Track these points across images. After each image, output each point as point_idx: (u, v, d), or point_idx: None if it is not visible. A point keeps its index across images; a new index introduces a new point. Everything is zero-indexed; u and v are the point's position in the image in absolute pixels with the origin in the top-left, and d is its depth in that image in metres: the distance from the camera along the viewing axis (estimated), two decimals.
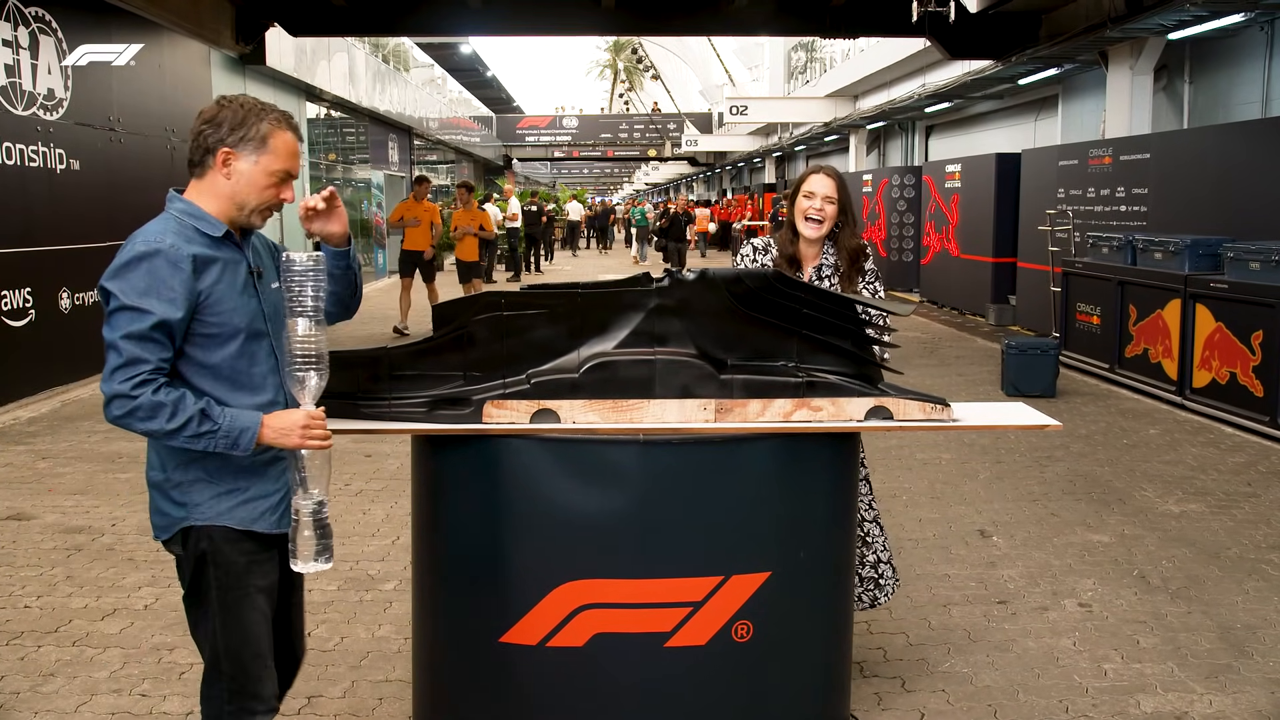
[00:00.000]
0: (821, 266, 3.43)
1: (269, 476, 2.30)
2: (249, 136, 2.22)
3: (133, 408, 2.09)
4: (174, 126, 11.37)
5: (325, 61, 16.80)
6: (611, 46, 66.86)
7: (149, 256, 2.13)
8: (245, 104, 2.25)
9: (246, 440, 2.15)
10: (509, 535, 2.66)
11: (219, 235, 2.23)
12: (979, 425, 3.00)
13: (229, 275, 2.23)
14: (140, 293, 2.11)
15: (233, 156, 2.23)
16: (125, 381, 2.08)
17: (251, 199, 2.25)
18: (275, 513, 2.30)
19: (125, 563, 4.71)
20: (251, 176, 2.24)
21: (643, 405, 2.66)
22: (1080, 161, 11.09)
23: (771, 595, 2.67)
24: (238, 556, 2.27)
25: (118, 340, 2.10)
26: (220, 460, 2.23)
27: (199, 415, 2.12)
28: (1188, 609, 4.19)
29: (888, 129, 23.80)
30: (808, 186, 3.38)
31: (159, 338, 2.12)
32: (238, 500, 2.26)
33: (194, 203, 2.25)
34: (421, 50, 28.07)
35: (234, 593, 2.27)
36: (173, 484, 2.25)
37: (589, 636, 2.63)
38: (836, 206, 3.36)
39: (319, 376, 2.21)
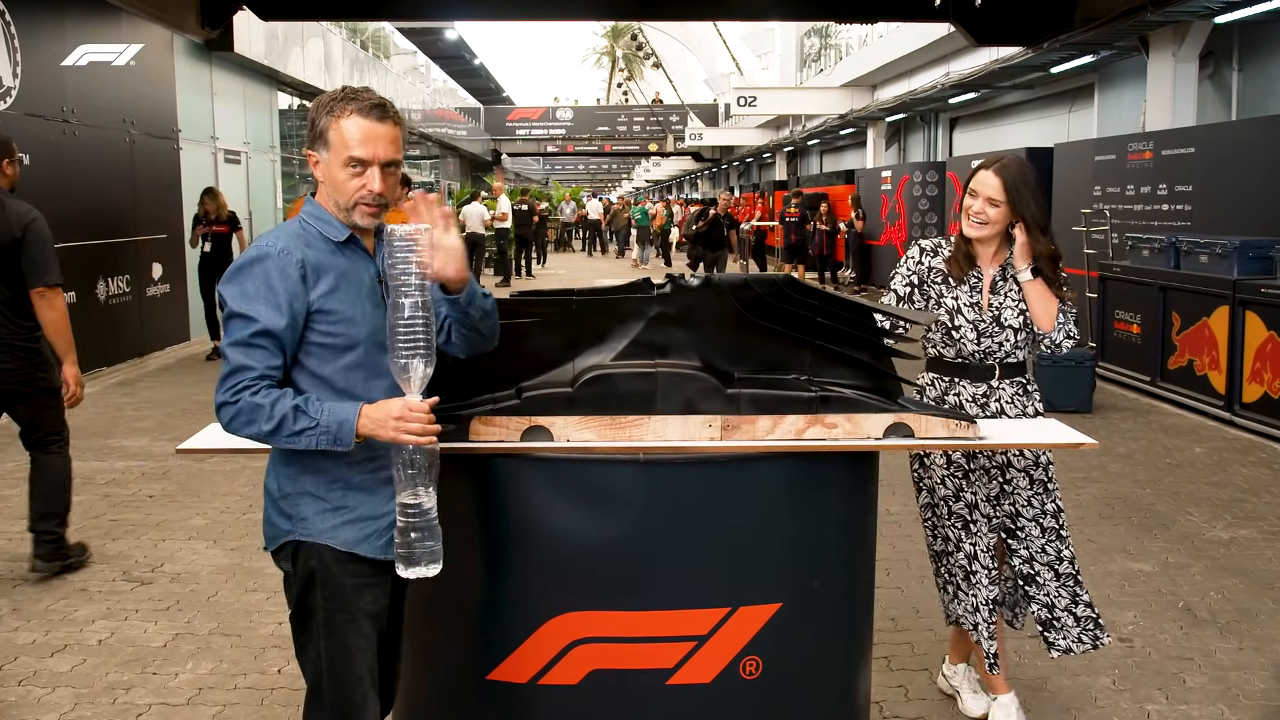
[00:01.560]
0: (1007, 267, 3.35)
1: (380, 497, 2.35)
2: (318, 134, 2.30)
3: (234, 413, 2.19)
4: (134, 118, 11.41)
5: (298, 48, 16.87)
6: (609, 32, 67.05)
7: (258, 261, 2.24)
8: (320, 99, 2.34)
9: (346, 433, 2.20)
10: (497, 563, 2.66)
11: (342, 239, 2.31)
12: (1008, 444, 3.01)
13: (349, 282, 2.30)
14: (248, 298, 2.21)
15: (312, 158, 2.33)
16: (228, 390, 2.19)
17: (343, 195, 2.31)
18: (383, 536, 2.34)
19: (77, 594, 4.71)
20: (331, 175, 2.31)
21: (642, 422, 2.67)
22: (1118, 156, 11.12)
23: (782, 628, 2.67)
24: (347, 579, 2.32)
25: (226, 348, 2.23)
26: (330, 475, 2.30)
27: (293, 412, 2.18)
28: (1239, 645, 4.19)
29: (908, 121, 23.86)
30: (972, 183, 3.30)
31: (265, 344, 2.20)
32: (344, 519, 2.32)
33: (321, 205, 2.35)
34: (403, 36, 28.17)
35: (340, 616, 2.33)
36: (282, 494, 2.34)
37: (585, 673, 2.62)
38: (1004, 209, 3.25)
39: (424, 363, 2.21)
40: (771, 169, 37.63)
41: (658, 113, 44.02)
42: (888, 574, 4.88)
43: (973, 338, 3.34)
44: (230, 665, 4.00)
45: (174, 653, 4.11)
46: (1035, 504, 3.36)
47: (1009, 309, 3.32)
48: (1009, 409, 3.36)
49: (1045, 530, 3.38)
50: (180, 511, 5.89)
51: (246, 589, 4.74)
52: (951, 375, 3.39)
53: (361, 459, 2.31)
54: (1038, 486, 3.36)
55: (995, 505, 3.38)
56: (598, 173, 77.29)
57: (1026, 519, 3.38)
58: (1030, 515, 3.37)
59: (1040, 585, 3.39)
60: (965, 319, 3.34)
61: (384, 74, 23.90)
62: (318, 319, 2.25)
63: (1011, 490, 3.37)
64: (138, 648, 4.15)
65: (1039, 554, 3.38)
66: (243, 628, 4.33)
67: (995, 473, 3.37)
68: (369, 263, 2.35)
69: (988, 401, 3.36)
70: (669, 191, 65.66)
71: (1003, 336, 3.33)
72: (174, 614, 4.48)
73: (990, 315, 3.33)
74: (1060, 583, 3.39)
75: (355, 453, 2.28)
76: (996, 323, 3.33)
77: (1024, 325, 3.32)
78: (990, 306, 3.33)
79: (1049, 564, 3.39)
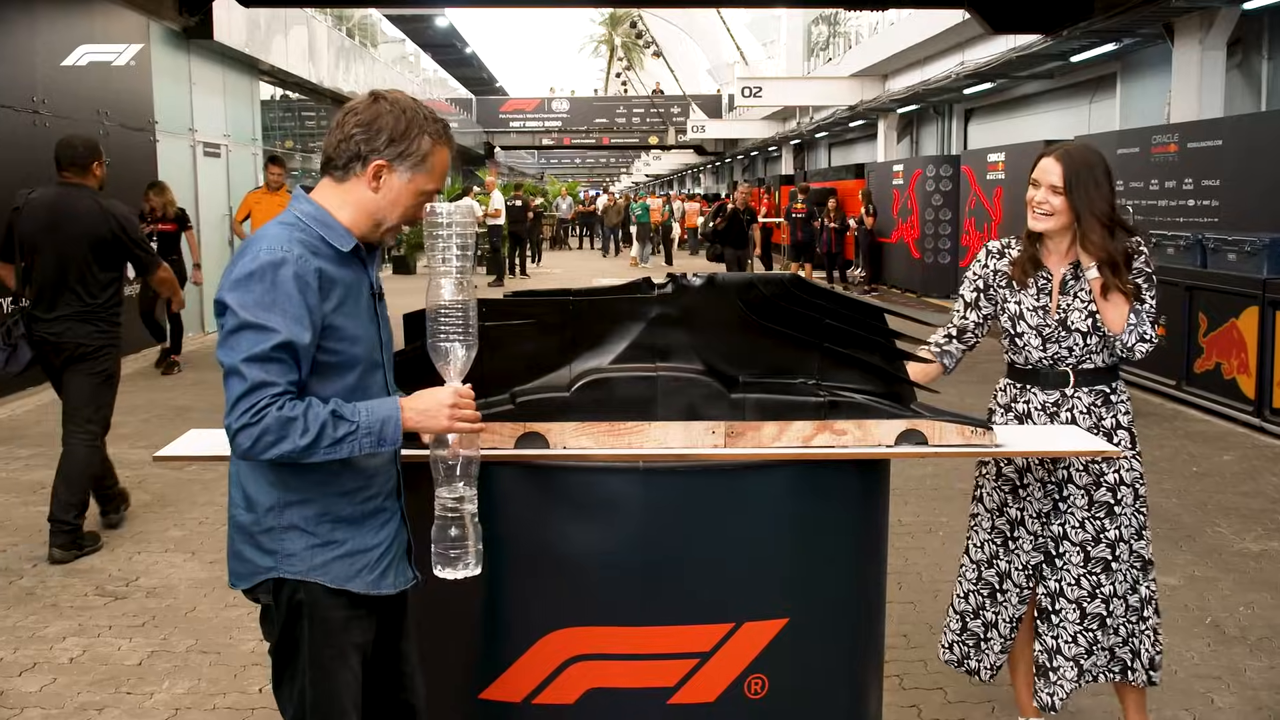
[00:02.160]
0: (1079, 264, 3.21)
1: (369, 529, 2.31)
2: (409, 151, 2.22)
3: (259, 433, 2.08)
4: (107, 109, 11.41)
5: (281, 36, 16.89)
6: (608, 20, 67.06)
7: (275, 266, 2.12)
8: (406, 109, 2.24)
9: (392, 430, 2.16)
10: (490, 576, 2.65)
11: (347, 250, 2.24)
12: (1026, 451, 3.01)
13: (352, 297, 2.25)
14: (264, 308, 2.10)
15: (386, 170, 2.23)
16: (246, 412, 2.08)
17: (393, 217, 2.27)
18: (373, 571, 2.31)
19: (48, 609, 4.70)
20: (400, 193, 2.25)
21: (643, 428, 2.67)
22: (1142, 149, 11.14)
23: (789, 645, 2.67)
24: (336, 612, 2.28)
25: (239, 364, 2.09)
26: (318, 507, 2.24)
27: (331, 419, 2.11)
28: (1270, 663, 4.19)
29: (921, 113, 23.89)
30: (1034, 172, 3.20)
31: (285, 358, 2.11)
32: (333, 554, 2.26)
33: (324, 208, 2.25)
34: (391, 23, 28.20)
35: (328, 651, 2.29)
36: (262, 528, 2.25)
37: (581, 692, 2.62)
38: (1064, 199, 3.14)
39: (465, 348, 2.21)
40: (778, 163, 37.67)
41: (658, 104, 44.05)
42: (900, 588, 4.88)
43: (1037, 344, 3.25)
44: (209, 684, 4.00)
45: (149, 671, 4.10)
46: (1090, 528, 3.21)
47: (1076, 311, 3.20)
48: (1082, 420, 3.23)
49: (1091, 559, 3.21)
50: (156, 522, 5.89)
51: (226, 604, 4.74)
52: (1024, 382, 3.32)
53: (353, 488, 2.28)
54: (1099, 509, 3.21)
55: (1044, 524, 3.28)
56: (595, 167, 77.39)
57: (1071, 543, 3.23)
58: (1077, 540, 3.22)
59: (1052, 625, 3.26)
60: (1028, 324, 3.26)
61: (371, 63, 23.92)
62: (325, 336, 2.19)
63: (1066, 509, 3.25)
64: (111, 666, 4.15)
65: (1070, 586, 3.23)
66: (222, 645, 4.33)
67: (1052, 488, 3.26)
68: (365, 275, 2.31)
69: (1058, 411, 3.25)
70: (669, 187, 65.72)
71: (1070, 341, 3.21)
72: (149, 630, 4.48)
73: (1056, 318, 3.22)
74: (1081, 624, 3.22)
75: (347, 482, 2.26)
76: (1063, 326, 3.21)
77: (1095, 328, 3.19)
78: (1058, 309, 3.22)
79: (1078, 600, 3.22)
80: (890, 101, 22.69)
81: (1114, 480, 3.21)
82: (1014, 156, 14.79)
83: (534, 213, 25.83)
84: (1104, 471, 3.20)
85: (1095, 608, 3.22)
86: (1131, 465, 3.23)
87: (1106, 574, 3.22)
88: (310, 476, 2.22)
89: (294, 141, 19.28)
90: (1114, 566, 3.22)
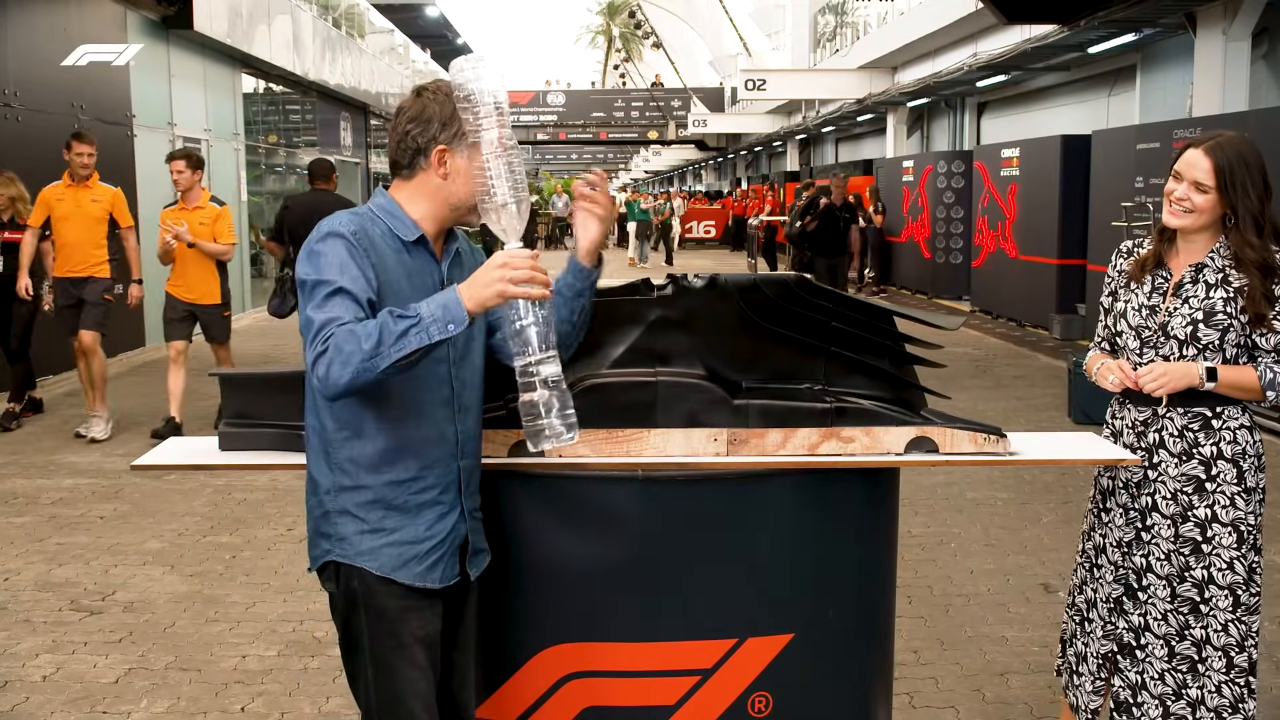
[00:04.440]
0: (1204, 268, 3.01)
1: (421, 521, 2.39)
2: (462, 130, 2.33)
3: (330, 358, 2.15)
4: (83, 102, 11.42)
5: (264, 26, 16.89)
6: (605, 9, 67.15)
7: (334, 237, 2.29)
8: (450, 94, 2.36)
9: (455, 310, 2.16)
10: (484, 590, 2.65)
11: (411, 239, 2.38)
12: (1042, 460, 3.01)
13: (414, 283, 2.36)
14: (325, 268, 2.25)
15: (448, 154, 2.36)
16: (316, 344, 2.18)
17: (466, 195, 2.37)
18: (422, 563, 2.38)
19: (19, 625, 4.70)
20: (467, 173, 2.36)
21: (642, 435, 2.67)
22: (1163, 144, 11.15)
23: (794, 662, 2.67)
24: (391, 601, 2.37)
25: (309, 313, 2.24)
26: (370, 493, 2.35)
27: (390, 318, 2.15)
28: None
29: (932, 107, 23.90)
30: (1178, 164, 3.00)
31: (348, 300, 2.23)
32: (382, 541, 2.37)
33: (395, 200, 2.41)
34: (380, 13, 28.22)
35: (387, 642, 2.38)
36: (322, 510, 2.40)
37: (579, 710, 2.63)
38: (1213, 197, 2.94)
39: (516, 204, 2.25)
40: (782, 159, 37.69)
41: (658, 98, 44.10)
42: (910, 602, 4.88)
43: (1135, 347, 3.07)
44: (189, 703, 4.00)
45: (126, 689, 4.10)
46: (1175, 563, 3.02)
47: (1180, 317, 2.99)
48: (1172, 443, 3.02)
49: (1178, 597, 3.02)
50: (134, 534, 5.89)
51: (207, 619, 4.74)
52: (1123, 395, 3.13)
53: (407, 478, 2.36)
54: (1184, 544, 3.01)
55: (1126, 554, 3.12)
56: (592, 163, 77.37)
57: (1156, 575, 3.05)
58: (1163, 573, 3.04)
59: (1138, 660, 3.08)
60: (1128, 324, 3.09)
61: (358, 55, 23.90)
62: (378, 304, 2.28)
63: (1149, 540, 3.07)
64: (86, 684, 4.15)
65: (1157, 621, 3.05)
66: (202, 662, 4.33)
67: (1134, 516, 3.10)
68: (435, 266, 2.42)
69: (1146, 430, 3.07)
70: (670, 183, 65.76)
71: (1167, 349, 3.00)
72: (126, 647, 4.48)
73: (1159, 321, 3.03)
74: (1170, 664, 3.03)
75: (401, 470, 2.35)
76: (1163, 331, 3.02)
77: (1194, 339, 2.96)
78: (1166, 311, 3.03)
79: (1166, 636, 3.03)
80: (900, 95, 22.70)
81: (1205, 515, 3.00)
82: (1029, 152, 14.81)
83: None
84: (1194, 504, 3.00)
85: (1185, 649, 3.02)
86: (1233, 502, 2.99)
87: (1195, 616, 3.01)
88: (363, 462, 2.34)
89: (278, 136, 19.27)
90: (1202, 609, 3.00)
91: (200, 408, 8.76)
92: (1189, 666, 3.02)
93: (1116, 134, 12.76)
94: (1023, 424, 8.34)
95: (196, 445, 2.94)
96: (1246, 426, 3.03)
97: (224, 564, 5.41)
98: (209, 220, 8.12)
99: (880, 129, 26.36)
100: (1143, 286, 3.09)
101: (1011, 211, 15.13)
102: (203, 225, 8.06)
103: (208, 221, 8.10)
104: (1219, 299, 2.97)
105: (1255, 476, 3.03)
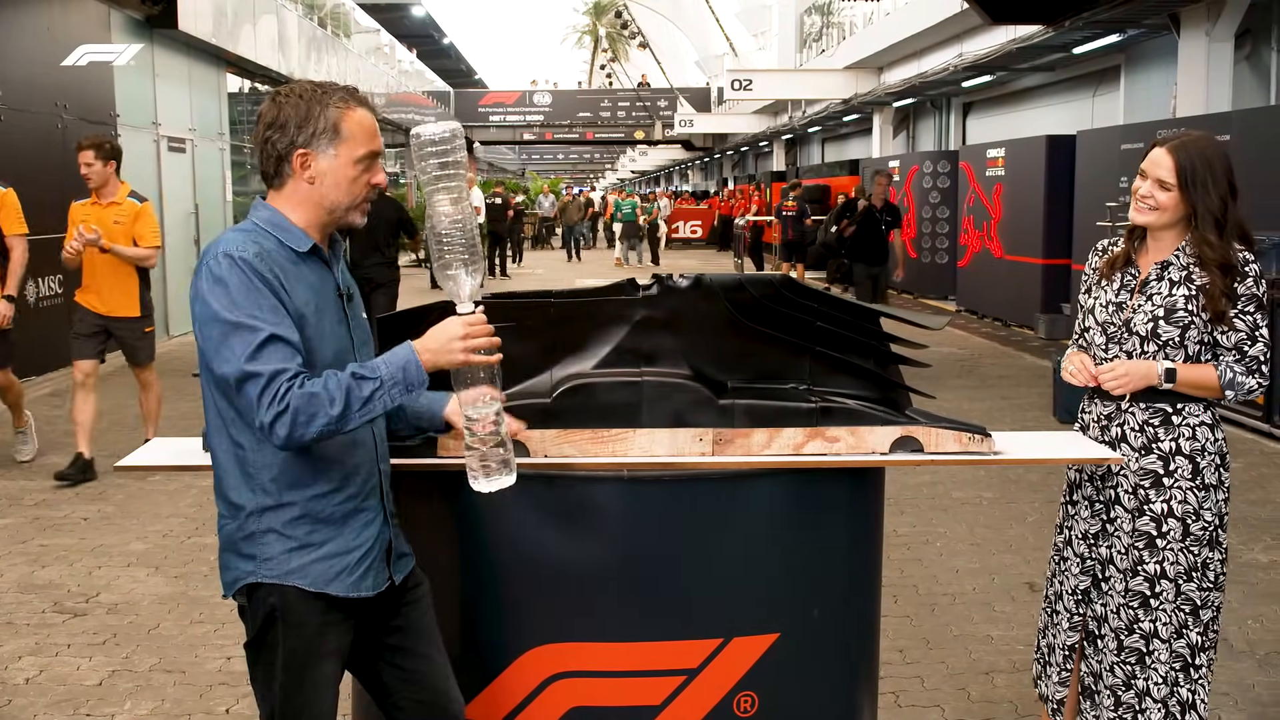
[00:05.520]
0: (1169, 265, 3.04)
1: (349, 530, 2.36)
2: (320, 130, 2.28)
3: (291, 417, 2.14)
4: (66, 101, 11.36)
5: (250, 25, 16.85)
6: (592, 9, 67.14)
7: (239, 264, 2.19)
8: (303, 93, 2.31)
9: (415, 371, 2.20)
10: (469, 590, 2.66)
11: (304, 250, 2.31)
12: (1026, 459, 3.02)
13: (317, 299, 2.31)
14: (243, 305, 2.17)
15: (310, 157, 2.29)
16: (272, 403, 2.14)
17: (343, 198, 2.32)
18: (353, 574, 2.36)
19: (2, 627, 4.68)
20: (334, 172, 2.31)
21: (627, 435, 2.67)
22: (1147, 145, 11.19)
23: (780, 661, 2.67)
24: (311, 616, 2.33)
25: (244, 367, 2.16)
26: (297, 509, 2.30)
27: (354, 381, 2.17)
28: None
29: (918, 107, 23.98)
30: (1144, 163, 3.06)
31: (282, 346, 2.18)
32: (312, 557, 2.32)
33: (279, 211, 2.33)
34: (365, 13, 28.17)
35: (301, 655, 2.33)
36: (244, 533, 2.32)
37: (565, 710, 2.62)
38: (1175, 195, 2.98)
39: (471, 271, 2.24)
40: (769, 159, 37.75)
41: (644, 98, 44.09)
42: (895, 601, 4.90)
43: (1100, 342, 3.13)
44: (173, 705, 3.98)
45: (110, 692, 4.09)
46: (1131, 557, 3.07)
47: (1143, 314, 3.04)
48: (1134, 437, 3.06)
49: (1130, 592, 3.07)
50: (118, 535, 5.87)
51: (191, 620, 4.73)
52: (1092, 391, 3.17)
53: (330, 489, 2.32)
54: (1139, 539, 3.05)
55: (1091, 546, 3.17)
56: (579, 163, 77.37)
57: (1116, 569, 3.11)
58: (1121, 566, 3.09)
59: (1098, 649, 3.17)
60: (1095, 320, 3.15)
61: (344, 54, 23.87)
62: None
63: (1113, 532, 3.12)
64: (69, 686, 4.13)
65: (1113, 614, 3.11)
66: (187, 663, 4.32)
67: (1100, 508, 3.15)
68: (328, 274, 2.37)
69: (1110, 425, 3.11)
70: (656, 184, 65.77)
71: (1130, 345, 3.05)
72: (110, 649, 4.46)
73: (1124, 318, 3.08)
74: (1119, 656, 3.09)
75: (323, 483, 2.31)
76: (1126, 328, 3.07)
77: (1155, 335, 3.01)
78: (1130, 308, 3.09)
79: (1117, 630, 3.10)
80: (886, 95, 22.77)
81: (1161, 510, 3.03)
82: (1014, 152, 14.86)
83: (515, 211, 25.82)
84: (1150, 499, 3.04)
85: (1133, 643, 3.08)
86: (1186, 498, 3.02)
87: (1144, 609, 3.06)
88: (286, 479, 2.28)
89: None
90: (1152, 604, 3.05)
91: (183, 409, 8.72)
92: (1137, 659, 3.07)
93: (1101, 134, 12.81)
94: (1008, 423, 8.37)
95: (181, 446, 2.93)
96: (1207, 424, 3.05)
97: (209, 565, 5.39)
98: (126, 219, 6.88)
99: (866, 129, 26.44)
100: (1112, 284, 3.14)
101: (997, 211, 15.18)
102: (118, 224, 6.83)
103: (124, 220, 6.87)
104: (1180, 296, 3.01)
105: (1215, 473, 3.05)
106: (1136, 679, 3.08)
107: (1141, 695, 3.07)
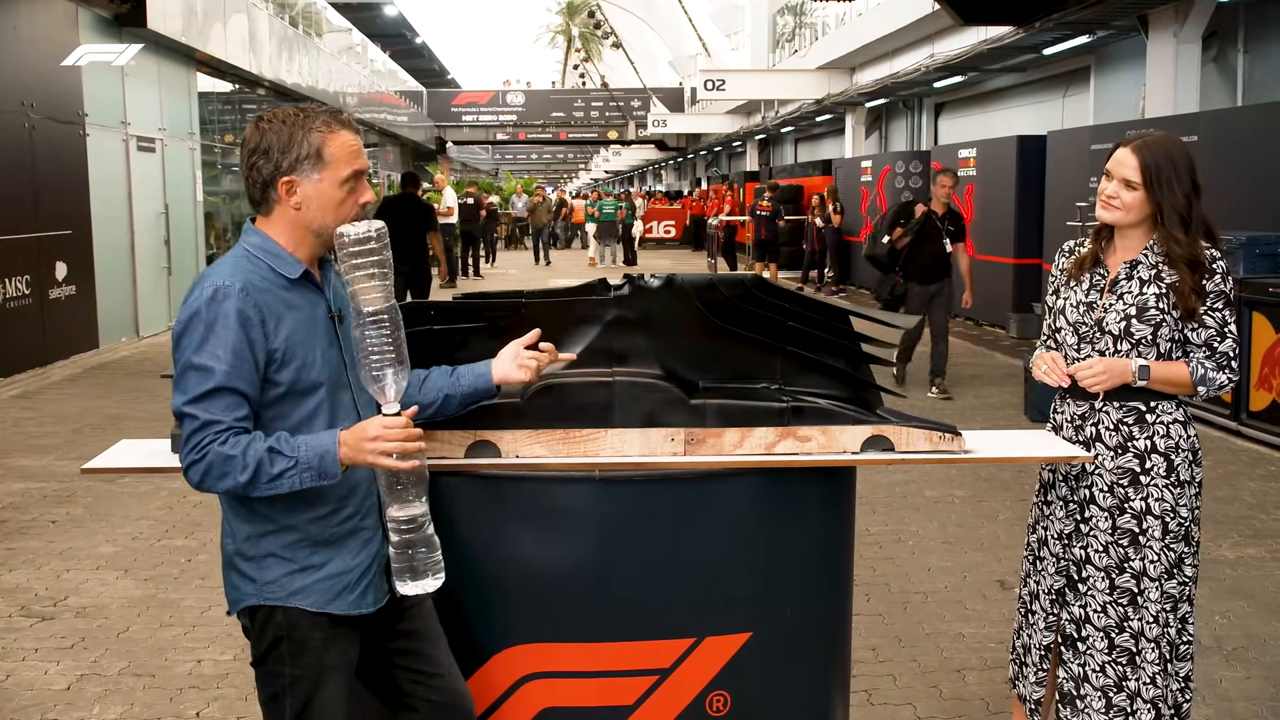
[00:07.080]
0: (1138, 264, 3.06)
1: (348, 550, 2.38)
2: (303, 155, 2.29)
3: (204, 469, 2.20)
4: (33, 100, 11.25)
5: (220, 24, 16.73)
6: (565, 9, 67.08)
7: (218, 303, 2.22)
8: (285, 118, 2.33)
9: (330, 464, 2.23)
10: (440, 592, 2.64)
11: (296, 276, 2.33)
12: (997, 458, 3.03)
13: (308, 323, 2.33)
14: (207, 348, 2.21)
15: (295, 183, 2.31)
16: (193, 450, 2.20)
17: (331, 220, 2.33)
18: (354, 591, 2.38)
19: None
20: (320, 195, 2.32)
21: (599, 436, 2.67)
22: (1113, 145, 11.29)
23: (752, 661, 2.68)
24: (315, 633, 2.35)
25: (184, 407, 2.22)
26: (296, 533, 2.33)
27: (268, 455, 2.19)
28: (1246, 674, 4.25)
29: (890, 107, 24.07)
30: (1109, 163, 3.09)
31: (228, 396, 2.22)
32: (313, 579, 2.35)
33: (270, 237, 2.34)
34: (337, 12, 28.03)
35: (310, 672, 2.36)
36: (244, 556, 2.35)
37: (537, 711, 2.62)
38: (1141, 194, 3.01)
39: (396, 373, 2.25)
40: (742, 159, 37.81)
41: (617, 98, 44.07)
42: (868, 600, 4.91)
43: (1073, 343, 3.13)
44: (142, 709, 3.95)
45: (79, 696, 4.05)
46: (1113, 554, 3.06)
47: (1114, 313, 3.05)
48: (1109, 436, 3.06)
49: (1116, 589, 3.06)
50: (87, 538, 5.82)
51: (161, 623, 4.69)
52: (1064, 391, 3.16)
53: (328, 511, 2.35)
54: (1122, 536, 3.05)
55: (1066, 545, 3.16)
56: (553, 163, 77.27)
57: (1095, 568, 3.09)
58: (1101, 565, 3.08)
59: (1079, 652, 3.12)
60: (1067, 320, 3.16)
61: (315, 54, 23.73)
62: (282, 367, 2.27)
63: (1088, 532, 3.11)
64: (37, 691, 4.09)
65: (1097, 613, 3.09)
66: (157, 667, 4.28)
67: (1074, 508, 3.13)
68: (320, 298, 2.38)
69: (1084, 424, 3.12)
70: (629, 183, 65.77)
71: (1103, 344, 3.06)
72: (79, 652, 4.42)
73: (1095, 317, 3.09)
74: (1110, 656, 3.07)
75: (320, 506, 2.33)
76: (1098, 327, 3.08)
77: (1127, 334, 3.02)
78: (1101, 307, 3.10)
79: (1106, 629, 3.08)
80: (858, 95, 22.84)
81: (1140, 508, 3.04)
82: (985, 152, 14.94)
83: (487, 211, 25.75)
84: (1129, 496, 3.04)
85: (1124, 642, 3.07)
86: (1163, 495, 3.03)
87: (1134, 608, 3.05)
88: (281, 504, 2.30)
89: (235, 135, 19.09)
90: (1140, 602, 3.05)
91: (154, 410, 8.67)
92: (1129, 659, 3.07)
93: (1071, 134, 12.91)
94: (979, 422, 8.42)
95: (150, 447, 2.90)
96: (1180, 421, 3.07)
97: (179, 568, 5.35)
98: None
99: (839, 129, 26.51)
100: (1081, 284, 3.16)
101: (968, 211, 15.26)
102: None
103: None
104: (1151, 294, 3.03)
105: (1189, 470, 3.07)
106: (1128, 680, 3.07)
107: (1133, 696, 3.07)
